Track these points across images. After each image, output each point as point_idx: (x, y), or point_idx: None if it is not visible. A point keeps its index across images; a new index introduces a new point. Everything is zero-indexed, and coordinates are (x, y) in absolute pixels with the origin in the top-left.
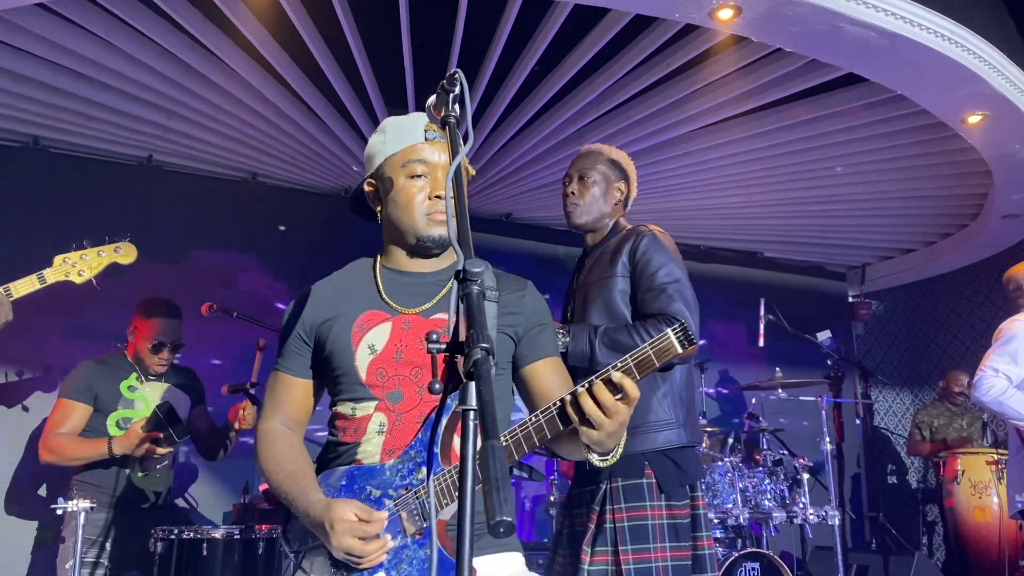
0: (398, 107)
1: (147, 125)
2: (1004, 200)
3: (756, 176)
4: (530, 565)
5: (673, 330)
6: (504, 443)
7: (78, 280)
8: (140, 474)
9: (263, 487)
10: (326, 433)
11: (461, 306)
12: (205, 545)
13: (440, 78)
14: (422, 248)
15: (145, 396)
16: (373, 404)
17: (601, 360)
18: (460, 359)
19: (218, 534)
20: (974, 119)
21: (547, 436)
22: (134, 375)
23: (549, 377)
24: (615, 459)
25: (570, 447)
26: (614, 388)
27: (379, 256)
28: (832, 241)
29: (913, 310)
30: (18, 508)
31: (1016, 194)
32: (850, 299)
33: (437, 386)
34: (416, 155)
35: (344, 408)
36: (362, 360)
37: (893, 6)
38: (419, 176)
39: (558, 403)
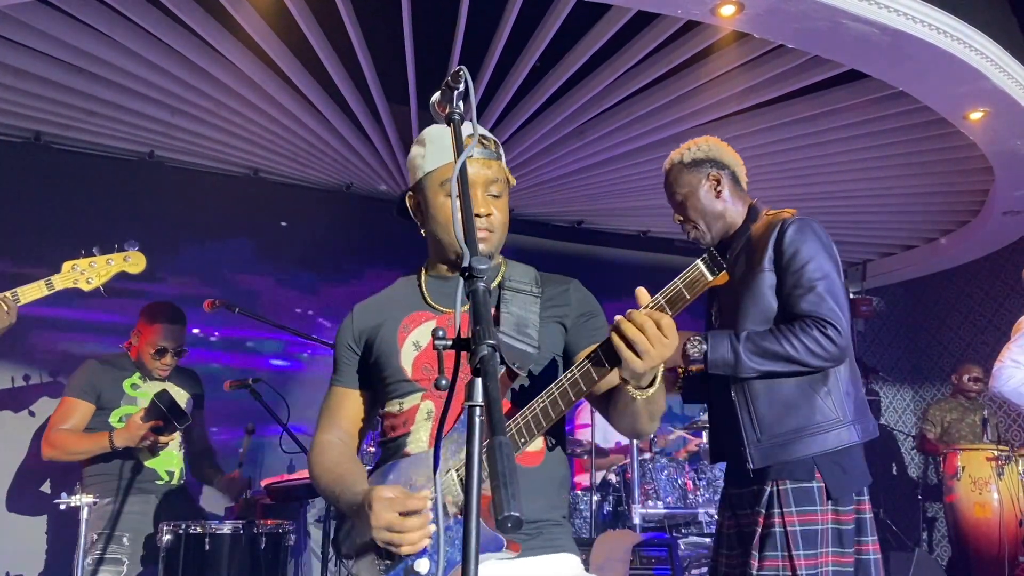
0: (400, 102)
1: (149, 121)
2: (1005, 196)
3: (758, 172)
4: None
5: (702, 259)
6: (542, 403)
7: (86, 287)
8: (149, 457)
9: (265, 482)
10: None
11: (468, 302)
12: (208, 540)
13: (442, 73)
14: (459, 262)
15: (148, 393)
16: (419, 394)
17: (747, 367)
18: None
19: (224, 529)
20: (976, 115)
21: (583, 389)
22: (137, 374)
23: None
24: (654, 391)
25: (619, 404)
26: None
27: (424, 267)
28: (833, 237)
29: (914, 306)
30: (21, 505)
31: (1017, 190)
32: (851, 296)
33: (444, 382)
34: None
35: (392, 407)
36: (407, 357)
37: (895, 2)
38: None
39: (595, 351)
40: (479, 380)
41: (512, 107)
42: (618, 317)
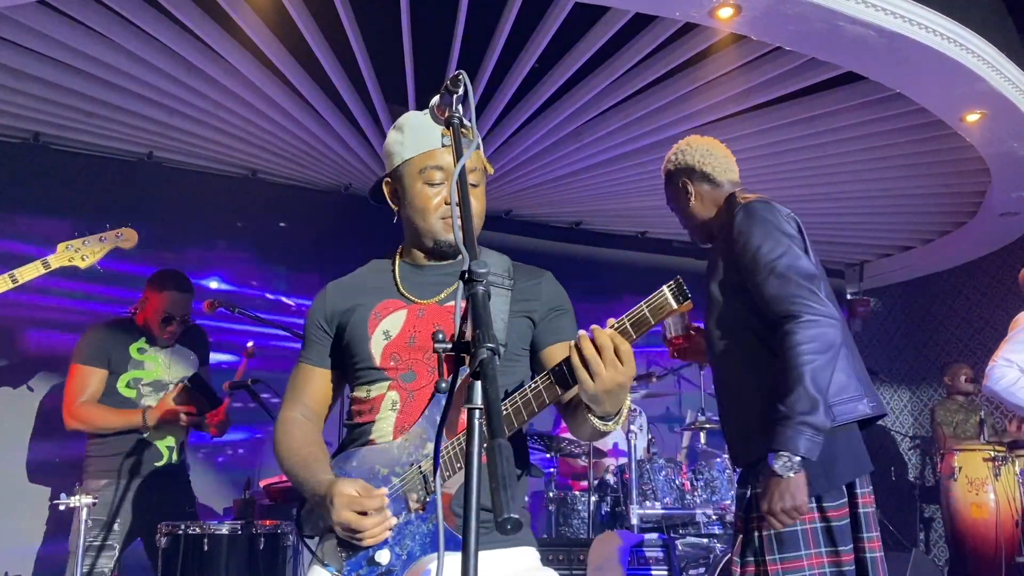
0: (398, 103)
1: (147, 122)
2: (1002, 198)
3: (755, 174)
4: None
5: (668, 286)
6: (504, 411)
7: (82, 265)
8: (154, 430)
9: (264, 483)
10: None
11: (467, 306)
12: (207, 540)
13: (440, 74)
14: (438, 251)
15: (155, 357)
16: (386, 383)
17: (816, 425)
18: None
19: (222, 530)
20: (972, 117)
21: (546, 401)
22: (143, 339)
23: (559, 358)
24: (616, 426)
25: (578, 418)
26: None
27: (399, 251)
28: (831, 238)
29: (911, 307)
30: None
31: (1014, 192)
32: (848, 296)
33: (444, 385)
34: (433, 161)
35: (359, 392)
36: (377, 345)
37: (892, 5)
38: (437, 183)
39: (559, 365)
40: (479, 383)
41: (510, 108)
42: (580, 333)
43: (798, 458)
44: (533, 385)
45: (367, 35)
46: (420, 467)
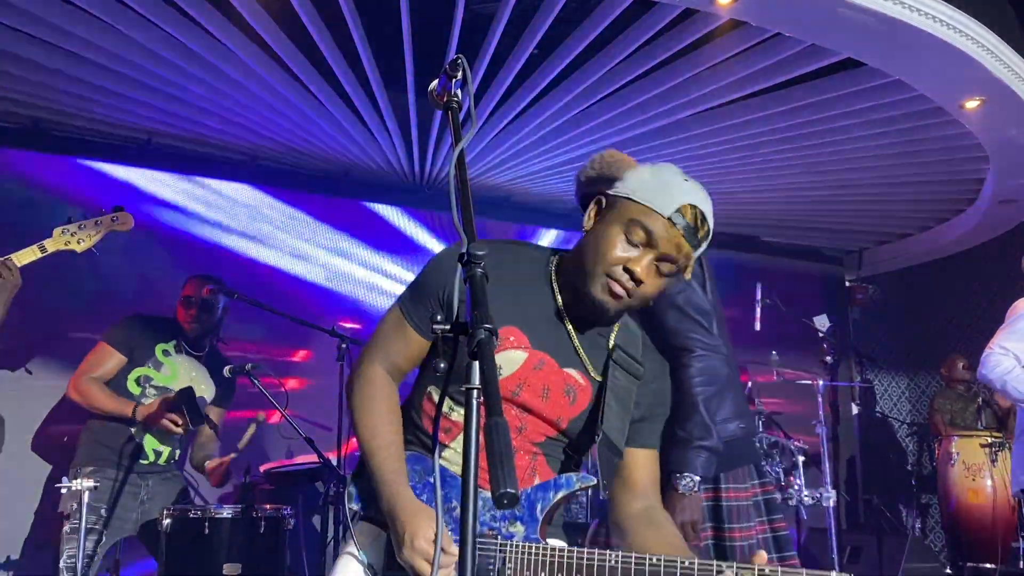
0: (397, 90)
1: (146, 107)
2: (1001, 185)
3: (754, 161)
4: None
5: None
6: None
7: (79, 248)
8: (148, 434)
9: (264, 467)
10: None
11: (466, 287)
12: (208, 524)
13: (439, 61)
14: (583, 300)
15: (175, 365)
16: None
17: (706, 449)
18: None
19: (223, 513)
20: (972, 104)
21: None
22: (174, 342)
23: (642, 467)
24: None
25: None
26: None
27: (553, 267)
28: (829, 226)
29: (909, 295)
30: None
31: (1013, 179)
32: (847, 284)
33: (443, 365)
34: (649, 222)
35: (442, 402)
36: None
37: None
38: (635, 244)
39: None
40: (476, 364)
41: (509, 95)
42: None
43: (698, 477)
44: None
45: (366, 21)
46: (503, 545)
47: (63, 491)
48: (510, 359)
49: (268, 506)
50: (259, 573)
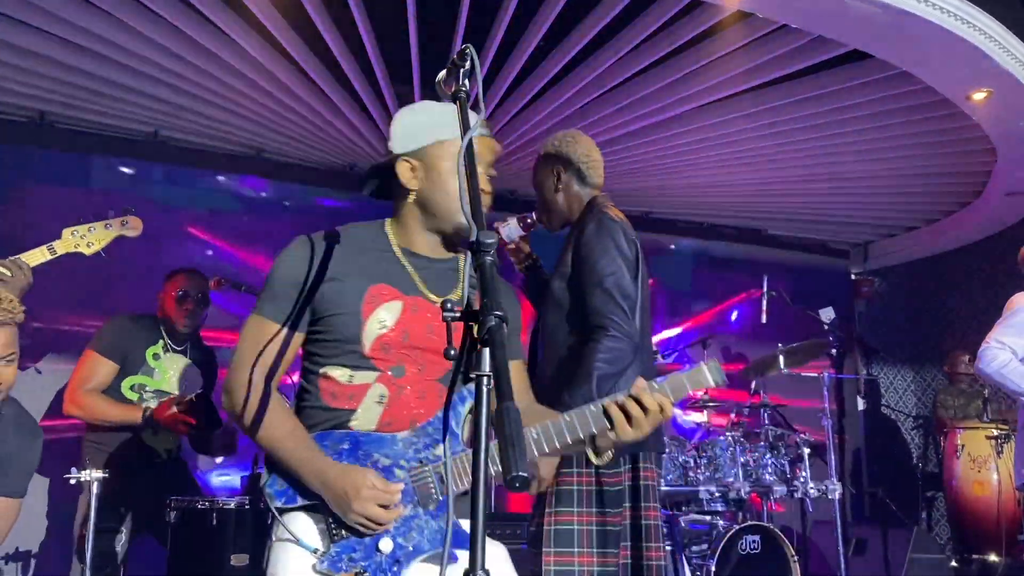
0: (404, 84)
1: (153, 101)
2: (1008, 178)
3: (760, 153)
4: None
5: (708, 365)
6: (535, 435)
7: (87, 251)
8: (152, 434)
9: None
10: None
11: (475, 276)
12: (215, 515)
13: (445, 54)
14: (455, 236)
15: (165, 368)
16: (374, 375)
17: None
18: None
19: (230, 504)
20: (979, 96)
21: (580, 436)
22: (161, 343)
23: (515, 378)
24: (606, 460)
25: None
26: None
27: (389, 229)
28: (835, 219)
29: (915, 288)
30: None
31: (1020, 171)
32: (853, 277)
33: (452, 352)
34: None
35: (337, 372)
36: (370, 332)
37: None
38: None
39: (599, 405)
40: (487, 350)
41: (515, 87)
42: (641, 392)
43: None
44: (568, 418)
45: (372, 14)
46: (436, 468)
47: (72, 483)
48: (390, 310)
49: None
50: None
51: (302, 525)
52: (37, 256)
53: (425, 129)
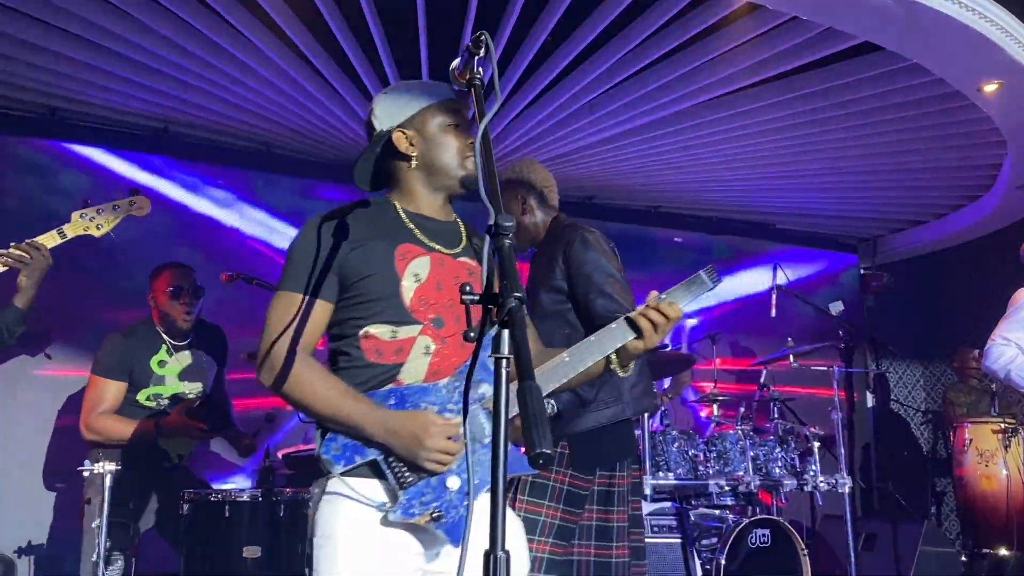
0: (411, 77)
1: (163, 96)
2: (1019, 170)
3: (769, 147)
4: None
5: (706, 271)
6: (567, 358)
7: (97, 233)
8: (165, 439)
9: (282, 452)
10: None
11: (495, 258)
12: (228, 507)
13: (453, 50)
14: (460, 186)
15: (174, 370)
16: (417, 328)
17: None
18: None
19: (243, 497)
20: (990, 88)
21: (607, 350)
22: (164, 348)
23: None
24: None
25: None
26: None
27: (394, 199)
28: (844, 213)
29: (925, 282)
30: (17, 464)
31: None
32: (862, 271)
33: (472, 334)
34: (455, 106)
35: (379, 330)
36: (408, 286)
37: None
38: (456, 125)
39: (621, 321)
40: (506, 332)
41: (523, 82)
42: (658, 303)
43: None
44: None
45: (382, 9)
46: (484, 404)
47: (85, 475)
48: (420, 265)
49: (288, 489)
50: (279, 556)
51: (364, 484)
52: (48, 240)
53: (407, 101)
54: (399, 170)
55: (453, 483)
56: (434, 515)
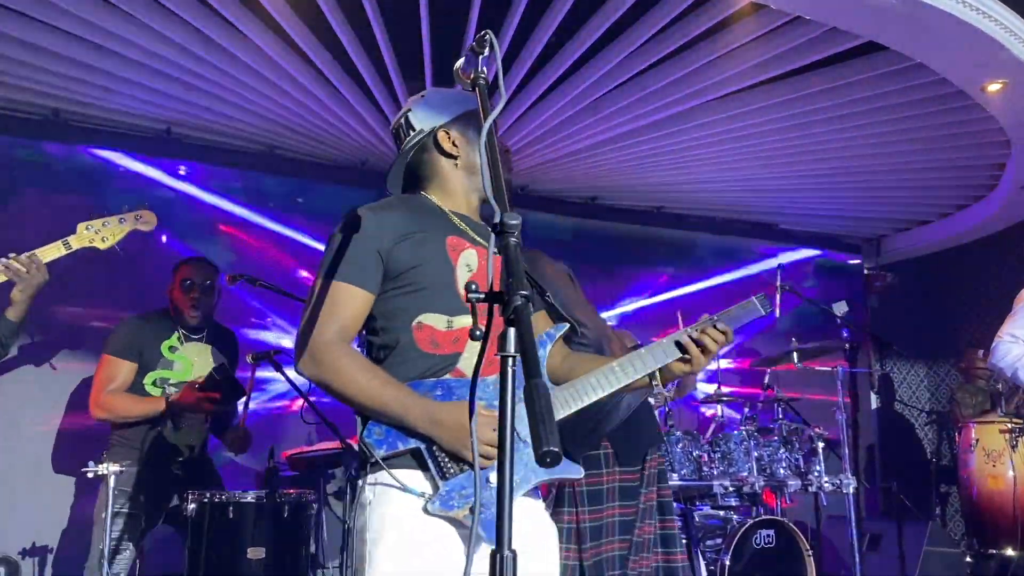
0: (416, 80)
1: (166, 97)
2: (1023, 170)
3: (773, 147)
4: None
5: (757, 297)
6: (616, 367)
7: (102, 246)
8: (174, 431)
9: (286, 454)
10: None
11: (499, 257)
12: (232, 508)
13: (457, 51)
14: (475, 199)
15: (185, 357)
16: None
17: None
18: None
19: (247, 498)
20: (994, 87)
21: (654, 366)
22: (176, 335)
23: (543, 326)
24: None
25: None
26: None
27: (432, 196)
28: (848, 213)
29: (929, 282)
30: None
31: None
32: (865, 271)
33: (478, 333)
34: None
35: (433, 320)
36: (462, 276)
37: None
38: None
39: (670, 340)
40: (512, 330)
41: (527, 82)
42: (709, 325)
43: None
44: (655, 346)
45: (385, 10)
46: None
47: (90, 475)
48: (470, 257)
49: (292, 491)
50: (283, 557)
51: (406, 472)
52: (52, 251)
53: (450, 104)
54: (441, 169)
55: (495, 478)
56: (472, 508)
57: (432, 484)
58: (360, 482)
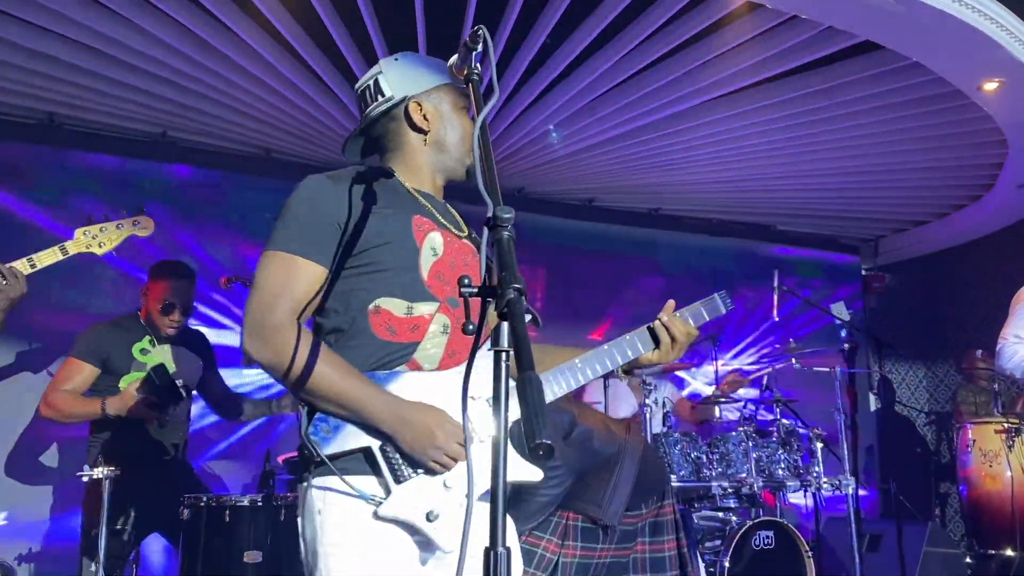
0: None
1: (161, 101)
2: (1020, 169)
3: (770, 147)
4: None
5: (719, 295)
6: (578, 363)
7: (99, 251)
8: (160, 428)
9: (282, 458)
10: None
11: (492, 251)
12: (228, 512)
13: (452, 49)
14: (464, 174)
15: (156, 359)
16: (435, 305)
17: None
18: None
19: (243, 501)
20: (990, 86)
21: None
22: (147, 339)
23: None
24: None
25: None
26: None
27: (396, 171)
28: (845, 214)
29: (926, 283)
30: (19, 472)
31: None
32: (863, 272)
33: (471, 327)
34: (466, 90)
35: (392, 305)
36: (426, 260)
37: None
38: (467, 109)
39: (642, 330)
40: (505, 324)
41: (522, 84)
42: (677, 318)
43: None
44: (628, 337)
45: (380, 12)
46: (487, 400)
47: (84, 479)
48: (435, 240)
49: (288, 495)
50: (279, 561)
51: (356, 477)
52: (49, 257)
53: (424, 73)
54: (407, 143)
55: (451, 483)
56: (427, 515)
57: (383, 487)
58: (304, 484)
